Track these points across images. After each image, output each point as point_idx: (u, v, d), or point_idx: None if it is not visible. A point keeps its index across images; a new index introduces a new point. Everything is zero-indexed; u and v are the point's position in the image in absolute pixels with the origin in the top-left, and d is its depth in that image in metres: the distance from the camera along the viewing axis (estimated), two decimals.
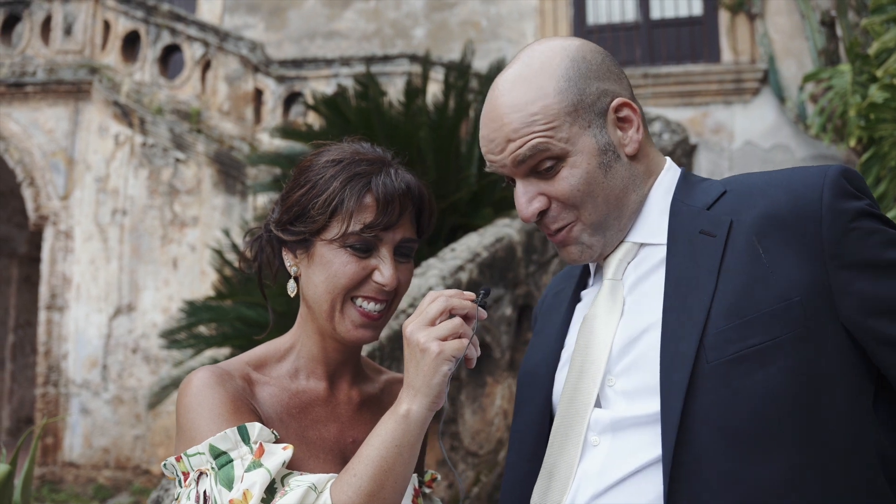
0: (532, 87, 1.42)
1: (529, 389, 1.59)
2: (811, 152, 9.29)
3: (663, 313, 1.35)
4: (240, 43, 9.69)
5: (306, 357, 1.57)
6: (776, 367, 1.26)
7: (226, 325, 5.79)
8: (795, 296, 1.28)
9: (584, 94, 1.43)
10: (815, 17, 9.15)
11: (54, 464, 9.41)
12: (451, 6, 10.93)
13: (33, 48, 10.24)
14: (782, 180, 1.39)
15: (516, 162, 1.42)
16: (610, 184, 1.44)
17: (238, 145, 9.34)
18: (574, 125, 1.41)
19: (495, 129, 1.44)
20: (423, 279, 4.02)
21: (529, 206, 1.44)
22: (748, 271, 1.32)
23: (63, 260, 9.74)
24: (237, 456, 1.35)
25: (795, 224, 1.32)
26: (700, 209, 1.43)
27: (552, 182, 1.43)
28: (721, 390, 1.27)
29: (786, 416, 1.25)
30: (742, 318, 1.29)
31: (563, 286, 1.70)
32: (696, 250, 1.38)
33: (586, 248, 1.47)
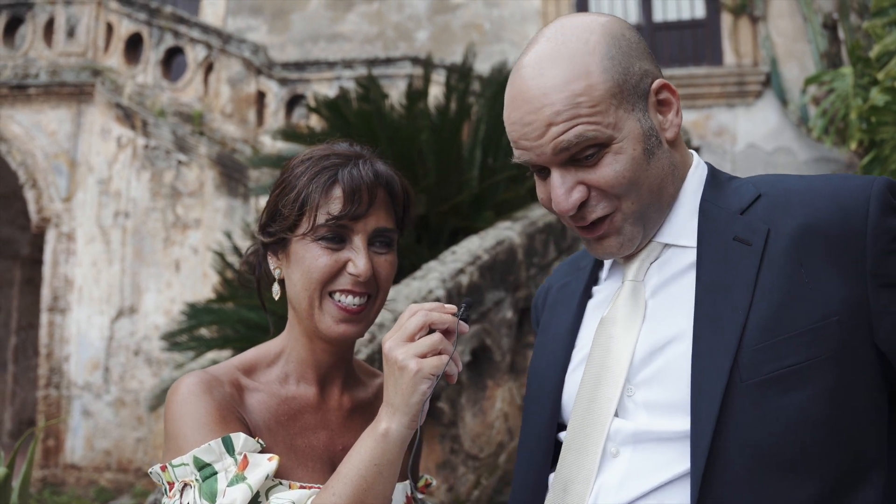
0: (573, 65, 1.30)
1: (539, 392, 1.52)
2: (813, 155, 9.28)
3: (695, 325, 1.28)
4: (242, 45, 9.70)
5: (296, 361, 1.56)
6: (812, 389, 1.20)
7: (227, 327, 5.79)
8: (834, 315, 1.22)
9: (629, 73, 1.32)
10: (817, 20, 9.15)
11: (56, 466, 9.42)
12: (453, 9, 10.94)
13: (36, 50, 10.26)
14: (825, 189, 1.31)
15: (558, 149, 1.29)
16: (653, 171, 1.34)
17: (240, 148, 9.35)
18: (619, 108, 1.30)
19: (531, 112, 1.30)
20: (423, 282, 4.02)
21: (569, 196, 1.32)
22: (786, 286, 1.24)
23: (65, 262, 9.76)
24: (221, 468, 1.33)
25: (838, 238, 1.25)
26: (733, 213, 1.35)
27: (593, 170, 1.31)
28: (754, 411, 1.21)
29: (820, 439, 1.20)
30: (778, 336, 1.22)
31: (570, 279, 1.61)
32: (730, 258, 1.30)
33: (627, 240, 1.36)
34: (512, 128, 1.35)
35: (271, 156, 7.40)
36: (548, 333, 1.58)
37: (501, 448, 4.39)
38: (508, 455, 4.42)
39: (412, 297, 3.81)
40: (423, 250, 5.28)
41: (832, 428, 1.21)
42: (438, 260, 4.38)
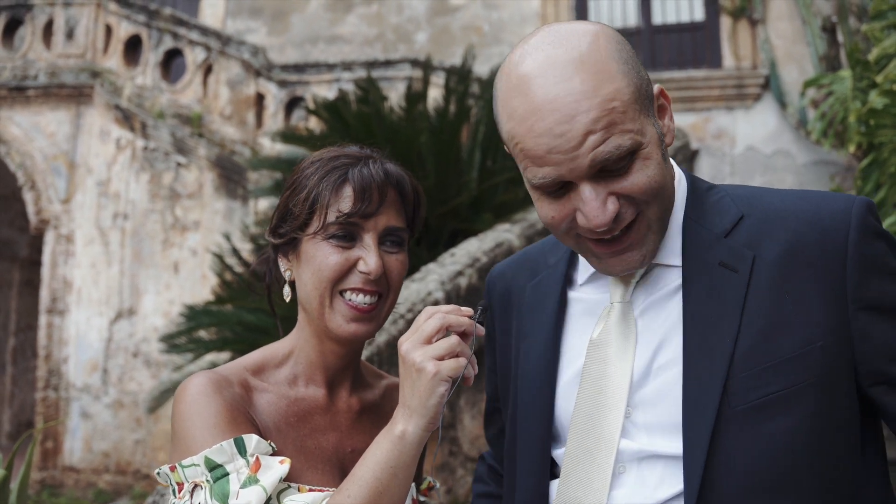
0: (598, 69, 1.22)
1: (531, 405, 1.47)
2: (812, 158, 9.29)
3: (684, 352, 1.29)
4: (242, 47, 9.71)
5: (305, 363, 1.55)
6: (798, 414, 1.23)
7: (226, 329, 5.79)
8: (818, 340, 1.24)
9: (641, 78, 1.27)
10: (816, 23, 9.16)
11: (54, 468, 9.41)
12: (453, 11, 10.94)
13: (35, 52, 10.26)
14: (806, 211, 1.32)
15: (597, 161, 1.21)
16: (668, 177, 1.31)
17: (239, 150, 9.35)
18: (641, 113, 1.25)
19: (563, 122, 1.20)
20: (422, 284, 4.02)
21: (605, 209, 1.24)
22: (771, 314, 1.26)
23: (64, 264, 9.75)
24: (233, 469, 1.32)
25: (819, 263, 1.27)
26: (718, 235, 1.34)
27: (624, 178, 1.24)
28: (743, 437, 1.23)
29: (806, 463, 1.22)
30: (763, 363, 1.24)
31: (541, 276, 1.54)
32: (716, 285, 1.30)
33: (648, 252, 1.32)
34: (537, 141, 1.23)
35: (270, 158, 7.40)
36: (528, 340, 1.51)
37: None
38: None
39: (411, 299, 3.81)
40: (422, 252, 5.28)
41: (819, 451, 1.23)
42: (437, 262, 4.38)
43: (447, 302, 3.93)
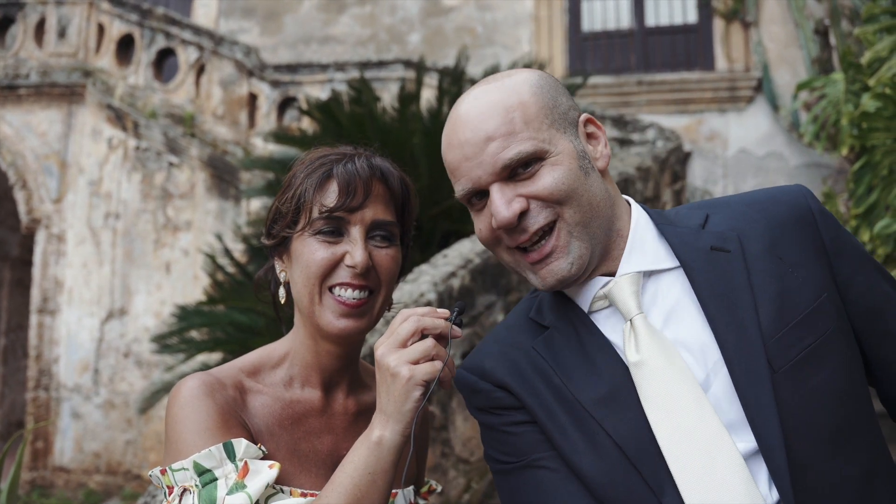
0: (506, 92, 1.39)
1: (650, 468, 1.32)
2: (804, 160, 9.31)
3: (715, 335, 1.32)
4: (234, 47, 9.68)
5: (300, 364, 1.54)
6: (833, 362, 1.31)
7: (218, 329, 5.77)
8: (823, 291, 1.35)
9: (557, 102, 1.41)
10: (809, 26, 9.18)
11: (44, 468, 9.36)
12: (446, 12, 10.94)
13: (27, 50, 10.21)
14: (768, 195, 1.46)
15: (498, 165, 1.34)
16: (591, 189, 1.38)
17: (232, 150, 9.32)
18: (552, 127, 1.38)
19: (470, 132, 1.37)
20: (415, 285, 4.01)
21: (510, 206, 1.34)
22: (776, 280, 1.35)
23: (55, 263, 9.71)
24: (221, 475, 1.32)
25: (798, 229, 1.39)
26: (695, 228, 1.43)
27: (532, 181, 1.35)
28: (797, 394, 1.28)
29: (853, 409, 1.30)
30: (788, 322, 1.31)
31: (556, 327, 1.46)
32: (716, 268, 1.37)
33: (576, 258, 1.36)
34: (452, 155, 1.40)
35: (263, 158, 7.39)
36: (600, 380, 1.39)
37: None
38: None
39: (403, 300, 3.80)
40: (414, 253, 5.27)
41: (857, 396, 1.32)
42: (430, 263, 4.38)
43: (440, 303, 3.92)
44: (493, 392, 1.45)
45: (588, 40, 10.52)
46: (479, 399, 1.48)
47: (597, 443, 1.33)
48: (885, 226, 4.22)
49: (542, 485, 1.38)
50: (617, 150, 7.55)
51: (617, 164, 6.47)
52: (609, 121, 8.13)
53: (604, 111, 8.35)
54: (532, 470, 1.40)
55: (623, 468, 1.31)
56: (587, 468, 1.33)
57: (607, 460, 1.32)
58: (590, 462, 1.33)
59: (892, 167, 4.47)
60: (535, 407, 1.40)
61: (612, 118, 8.16)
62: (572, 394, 1.37)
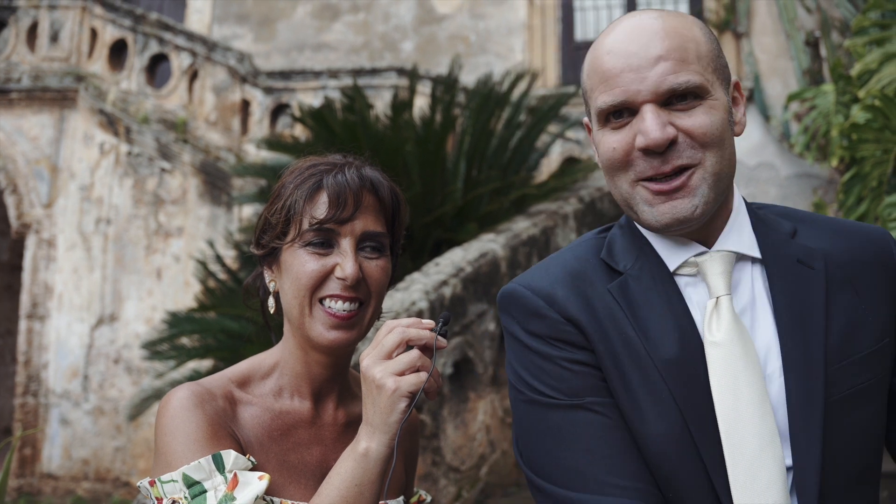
0: (684, 23, 1.36)
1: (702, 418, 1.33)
2: (795, 170, 9.36)
3: (780, 344, 1.33)
4: (228, 53, 9.68)
5: (290, 374, 1.54)
6: (877, 404, 1.34)
7: (209, 336, 5.76)
8: (886, 337, 1.36)
9: (721, 55, 1.39)
10: (799, 38, 9.24)
11: (32, 475, 9.31)
12: (439, 20, 10.96)
13: (19, 54, 10.19)
14: (853, 228, 1.47)
15: (662, 86, 1.30)
16: (731, 144, 1.37)
17: (224, 156, 9.31)
18: (715, 73, 1.35)
19: (643, 46, 1.31)
20: (406, 293, 4.01)
21: (664, 130, 1.29)
22: (850, 311, 1.35)
23: (45, 268, 9.67)
24: (211, 487, 1.32)
25: (879, 270, 1.40)
26: (785, 235, 1.42)
27: (687, 115, 1.31)
28: (839, 424, 1.30)
29: (879, 450, 1.35)
30: (851, 356, 1.32)
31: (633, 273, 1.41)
32: (798, 279, 1.36)
33: (700, 203, 1.31)
34: (612, 62, 1.33)
35: (255, 164, 7.38)
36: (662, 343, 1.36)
37: (483, 460, 4.38)
38: (490, 467, 4.41)
39: (395, 309, 3.80)
40: (406, 261, 5.27)
41: (880, 443, 1.37)
42: (422, 272, 4.38)
43: (432, 311, 3.93)
44: (562, 324, 1.37)
45: (581, 49, 10.55)
46: (539, 325, 1.38)
47: (661, 403, 1.30)
48: None
49: (590, 428, 1.33)
50: None
51: None
52: None
53: None
54: (583, 412, 1.33)
55: (682, 434, 1.29)
56: (648, 424, 1.30)
57: (668, 422, 1.29)
58: (652, 419, 1.30)
59: (881, 178, 4.50)
60: (604, 352, 1.35)
61: None
62: (645, 349, 1.32)
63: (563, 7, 10.67)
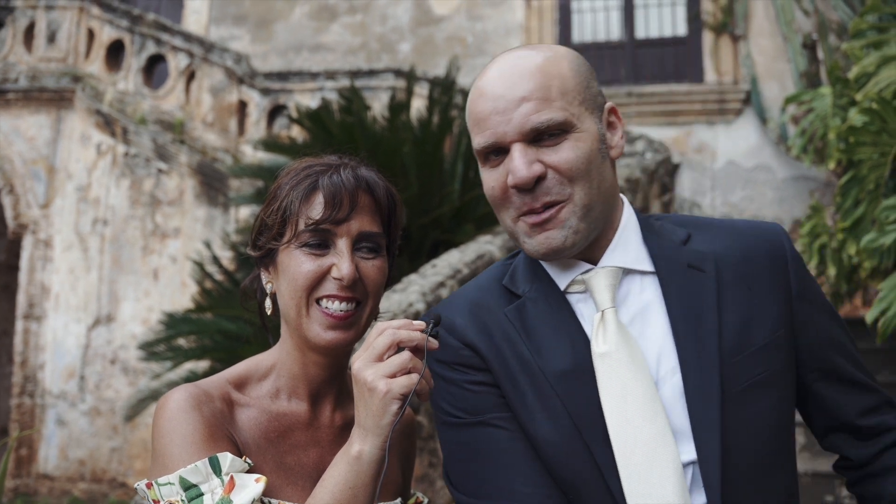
0: (549, 60, 1.43)
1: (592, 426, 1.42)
2: (792, 173, 9.37)
3: (677, 346, 1.41)
4: (225, 54, 9.68)
5: (287, 376, 1.54)
6: (777, 395, 1.42)
7: (206, 337, 5.76)
8: (779, 329, 1.44)
9: (590, 85, 1.46)
10: (797, 40, 9.25)
11: (28, 476, 9.29)
12: (437, 22, 10.97)
13: (16, 55, 10.17)
14: (747, 228, 1.54)
15: (527, 126, 1.38)
16: (604, 173, 1.44)
17: (221, 157, 9.31)
18: (582, 105, 1.42)
19: (508, 88, 1.40)
20: (403, 295, 4.01)
21: (530, 168, 1.38)
22: (742, 308, 1.44)
23: (42, 269, 9.66)
24: (207, 490, 1.32)
25: (770, 266, 1.48)
26: (676, 243, 1.50)
27: (553, 151, 1.39)
28: (740, 416, 1.38)
29: (785, 438, 1.44)
30: (745, 351, 1.41)
31: (529, 296, 1.51)
32: (690, 284, 1.44)
33: (571, 234, 1.40)
34: (483, 106, 1.42)
35: (252, 165, 7.38)
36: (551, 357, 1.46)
37: None
38: None
39: (392, 310, 3.80)
40: (403, 263, 5.27)
41: (786, 431, 1.44)
42: (419, 273, 4.38)
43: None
44: (461, 349, 1.49)
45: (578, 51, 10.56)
46: (443, 353, 1.49)
47: (554, 413, 1.41)
48: (872, 239, 4.25)
49: (492, 442, 1.44)
50: None
51: None
52: None
53: None
54: (485, 427, 1.45)
55: (574, 441, 1.39)
56: (542, 434, 1.41)
57: (561, 431, 1.40)
58: (546, 429, 1.41)
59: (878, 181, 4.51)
60: (500, 372, 1.46)
61: None
62: (538, 365, 1.43)
63: (560, 9, 10.67)
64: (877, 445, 1.51)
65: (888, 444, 1.51)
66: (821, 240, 5.78)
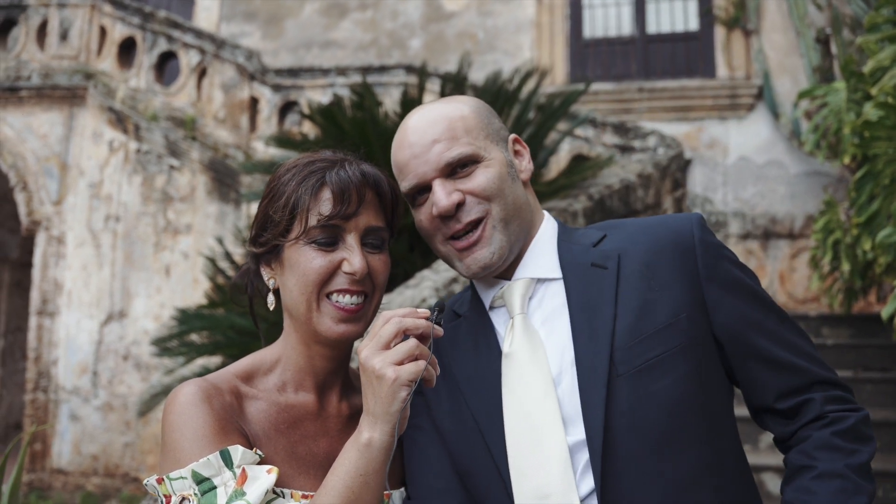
0: (450, 107, 1.64)
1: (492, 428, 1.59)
2: (804, 168, 9.33)
3: (573, 338, 1.52)
4: (236, 51, 9.69)
5: (293, 369, 1.56)
6: (677, 374, 1.48)
7: (218, 333, 5.76)
8: (682, 312, 1.52)
9: (490, 121, 1.67)
10: (810, 35, 9.20)
11: (42, 470, 9.35)
12: (447, 18, 10.96)
13: (29, 53, 10.22)
14: (658, 222, 1.64)
15: (441, 163, 1.57)
16: (516, 191, 1.62)
17: (233, 153, 9.33)
18: (487, 139, 1.63)
19: (420, 136, 1.60)
20: (417, 290, 4.01)
21: (449, 197, 1.55)
22: (641, 296, 1.54)
23: (55, 265, 9.70)
24: (220, 483, 1.33)
25: (675, 254, 1.57)
26: (587, 246, 1.63)
27: (468, 179, 1.58)
28: (632, 396, 1.46)
29: (691, 416, 1.47)
30: (643, 334, 1.50)
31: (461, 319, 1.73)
32: (591, 281, 1.57)
33: (496, 250, 1.57)
34: (402, 155, 1.61)
35: (264, 162, 7.39)
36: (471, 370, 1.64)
37: None
38: None
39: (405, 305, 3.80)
40: (415, 259, 5.27)
41: (696, 407, 1.48)
42: (431, 269, 4.38)
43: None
44: None
45: (589, 47, 10.53)
46: None
47: (460, 411, 1.58)
48: (887, 235, 4.23)
49: (419, 444, 1.63)
50: (618, 157, 7.55)
51: (618, 171, 6.48)
52: (610, 128, 8.13)
53: (605, 118, 8.35)
54: (416, 431, 1.64)
55: (475, 437, 1.54)
56: (447, 430, 1.59)
57: (464, 427, 1.56)
58: (450, 425, 1.59)
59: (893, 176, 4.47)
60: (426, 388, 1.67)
61: (612, 125, 8.16)
62: (454, 372, 1.61)
63: (571, 4, 10.65)
64: (796, 423, 1.56)
65: (805, 422, 1.55)
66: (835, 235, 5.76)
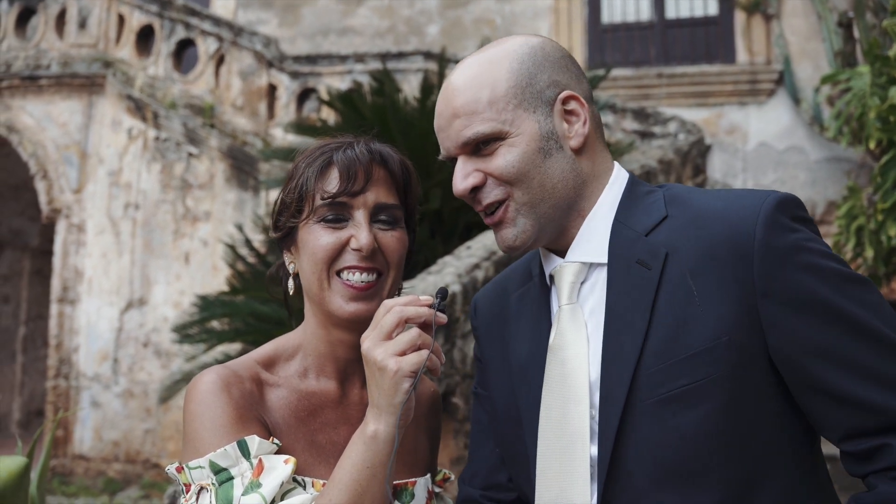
0: (484, 68, 1.44)
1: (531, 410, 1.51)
2: (825, 154, 9.25)
3: (602, 350, 1.37)
4: (254, 38, 9.70)
5: (314, 355, 1.55)
6: (708, 406, 1.28)
7: (238, 320, 5.78)
8: (724, 335, 1.28)
9: (534, 79, 1.43)
10: (831, 19, 9.10)
11: (64, 456, 9.45)
12: (464, 4, 10.91)
13: (48, 41, 10.26)
14: (720, 210, 1.35)
15: (460, 142, 1.44)
16: (548, 171, 1.42)
17: (251, 140, 9.35)
18: (519, 108, 1.42)
19: (445, 105, 1.46)
20: (439, 276, 4.01)
21: (464, 181, 1.44)
22: (679, 311, 1.32)
23: (75, 253, 9.77)
24: (237, 473, 1.33)
25: (728, 259, 1.30)
26: (639, 234, 1.40)
27: (489, 159, 1.43)
28: (654, 428, 1.30)
29: (716, 452, 1.28)
30: (672, 359, 1.30)
31: (528, 287, 1.60)
32: (631, 282, 1.37)
33: (521, 232, 1.43)
34: (435, 123, 1.51)
35: (282, 149, 7.40)
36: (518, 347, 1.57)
37: None
38: None
39: (428, 292, 3.80)
40: (436, 245, 5.27)
41: (727, 441, 1.28)
42: (454, 255, 4.37)
43: (465, 295, 3.92)
44: (475, 330, 1.72)
45: (607, 32, 10.47)
46: (473, 328, 1.73)
47: (508, 398, 1.54)
48: None
49: (476, 412, 1.66)
50: (638, 142, 7.51)
51: (639, 157, 6.44)
52: (630, 113, 8.09)
53: (624, 104, 8.31)
54: (475, 398, 1.67)
55: (517, 427, 1.50)
56: (500, 409, 1.57)
57: (509, 415, 1.53)
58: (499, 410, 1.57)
59: None
60: (488, 355, 1.64)
61: (632, 111, 8.12)
62: (510, 353, 1.56)
63: None
64: (866, 467, 1.29)
65: (876, 469, 1.28)
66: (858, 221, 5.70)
